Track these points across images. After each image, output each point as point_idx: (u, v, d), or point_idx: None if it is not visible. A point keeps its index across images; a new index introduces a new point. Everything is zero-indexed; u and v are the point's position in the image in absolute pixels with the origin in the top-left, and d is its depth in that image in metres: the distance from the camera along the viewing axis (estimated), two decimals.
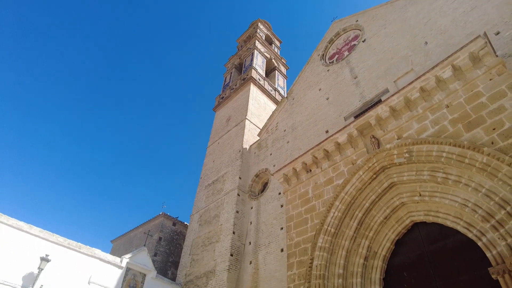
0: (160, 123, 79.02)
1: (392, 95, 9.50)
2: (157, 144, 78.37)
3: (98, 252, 13.62)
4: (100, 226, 65.26)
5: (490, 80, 7.77)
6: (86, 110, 68.76)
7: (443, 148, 7.78)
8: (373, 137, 9.85)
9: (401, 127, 9.23)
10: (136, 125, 75.67)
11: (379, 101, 11.44)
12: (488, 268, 6.79)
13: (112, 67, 74.37)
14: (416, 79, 9.06)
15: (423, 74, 8.92)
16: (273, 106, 23.22)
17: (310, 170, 11.38)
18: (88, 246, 13.45)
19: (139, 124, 76.26)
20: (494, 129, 7.10)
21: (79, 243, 13.30)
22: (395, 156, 8.92)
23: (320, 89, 15.67)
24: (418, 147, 8.36)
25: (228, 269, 13.63)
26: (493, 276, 6.64)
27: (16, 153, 56.92)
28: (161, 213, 21.20)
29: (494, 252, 6.82)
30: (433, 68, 8.75)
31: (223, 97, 25.39)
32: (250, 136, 19.44)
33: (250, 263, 13.62)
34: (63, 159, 65.04)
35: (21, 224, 12.04)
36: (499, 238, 6.64)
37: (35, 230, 12.27)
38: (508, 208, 6.44)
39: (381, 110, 9.59)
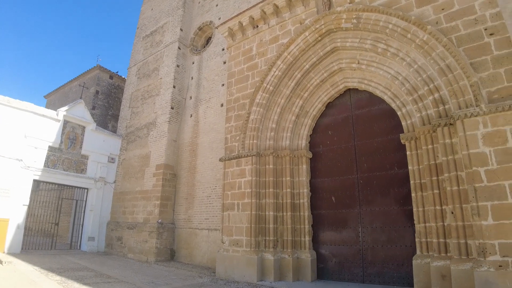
0: None
1: None
2: None
3: (31, 106, 12.76)
4: (31, 82, 59.17)
5: None
6: None
7: (390, 20, 7.67)
8: None
9: None
10: None
11: None
12: (400, 134, 7.88)
13: None
14: None
15: None
16: None
17: (257, 26, 10.84)
18: (18, 100, 12.45)
19: None
20: (443, 9, 7.00)
21: (8, 97, 12.19)
22: (343, 20, 8.68)
23: None
24: (367, 15, 8.14)
25: (169, 121, 14.06)
26: (402, 141, 7.78)
27: None
28: (96, 65, 19.67)
29: (409, 121, 7.80)
30: None
31: None
32: None
33: (191, 116, 14.09)
34: None
35: None
36: (416, 111, 7.48)
37: None
38: (431, 86, 7.02)
39: None
